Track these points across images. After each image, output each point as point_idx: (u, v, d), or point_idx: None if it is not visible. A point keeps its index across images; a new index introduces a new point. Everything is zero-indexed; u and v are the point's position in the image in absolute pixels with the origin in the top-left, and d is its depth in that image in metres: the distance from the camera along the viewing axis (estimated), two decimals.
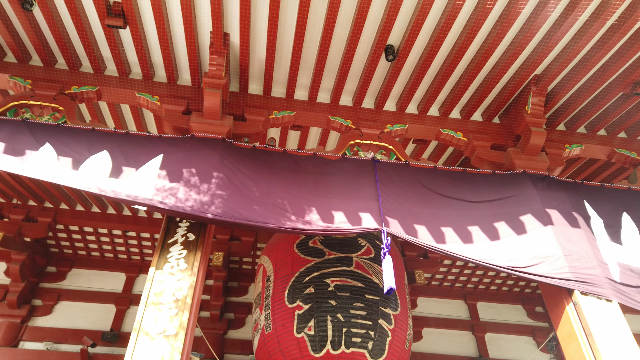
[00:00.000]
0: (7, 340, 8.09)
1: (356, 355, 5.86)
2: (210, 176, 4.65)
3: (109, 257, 9.45)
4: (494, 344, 9.59)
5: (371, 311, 6.05)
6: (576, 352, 4.17)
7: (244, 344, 8.89)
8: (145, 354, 3.62)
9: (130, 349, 3.65)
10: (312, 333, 5.91)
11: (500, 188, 5.19)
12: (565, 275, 4.29)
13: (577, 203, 5.17)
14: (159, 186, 4.49)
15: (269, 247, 7.14)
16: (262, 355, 6.33)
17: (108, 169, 4.52)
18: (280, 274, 6.44)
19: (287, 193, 4.85)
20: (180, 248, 4.35)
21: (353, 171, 5.30)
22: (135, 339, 3.70)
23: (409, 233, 4.52)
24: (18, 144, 4.59)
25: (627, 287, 4.39)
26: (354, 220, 4.60)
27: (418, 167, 5.49)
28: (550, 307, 4.65)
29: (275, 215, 4.46)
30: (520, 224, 4.75)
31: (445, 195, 5.03)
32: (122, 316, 8.91)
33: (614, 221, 5.12)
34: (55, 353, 8.13)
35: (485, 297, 10.22)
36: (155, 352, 3.63)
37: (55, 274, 9.15)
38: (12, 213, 8.03)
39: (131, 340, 3.70)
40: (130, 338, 3.73)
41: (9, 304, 8.30)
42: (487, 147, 5.86)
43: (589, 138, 6.20)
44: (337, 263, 6.34)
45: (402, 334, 6.30)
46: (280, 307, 6.16)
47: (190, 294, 4.03)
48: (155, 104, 5.63)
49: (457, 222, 4.69)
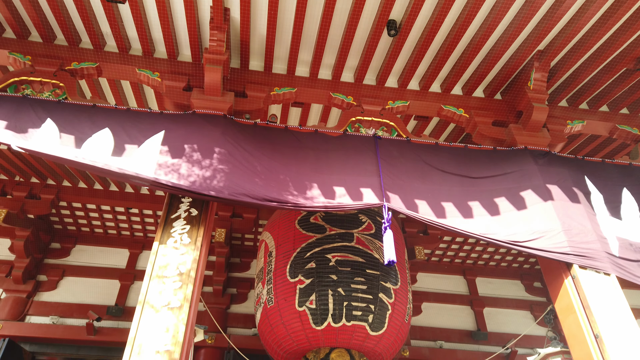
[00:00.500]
0: (13, 314, 8.25)
1: (357, 327, 5.99)
2: (212, 151, 4.67)
3: (112, 233, 9.55)
4: (492, 318, 9.76)
5: (371, 285, 6.15)
6: (573, 324, 4.25)
7: (246, 318, 9.05)
8: (151, 326, 3.70)
9: (135, 320, 3.73)
10: (314, 307, 6.01)
11: (501, 164, 5.21)
12: (565, 249, 4.34)
13: (578, 179, 5.19)
14: (161, 162, 4.51)
15: (270, 224, 7.21)
16: (264, 328, 6.46)
17: (110, 147, 4.54)
18: (281, 250, 6.52)
19: (289, 169, 4.88)
20: (183, 223, 4.40)
21: (354, 147, 5.31)
22: (140, 311, 3.77)
23: (409, 208, 4.56)
24: (20, 121, 4.59)
25: (625, 261, 4.45)
26: (355, 196, 4.64)
27: (419, 143, 5.50)
28: (549, 281, 4.72)
29: (277, 189, 4.50)
30: (521, 199, 4.79)
31: (446, 171, 5.05)
32: (126, 291, 9.06)
33: (614, 196, 5.16)
34: (62, 327, 8.29)
35: (484, 273, 10.35)
36: (161, 324, 3.71)
37: (60, 250, 9.26)
38: (15, 190, 8.08)
39: (136, 312, 3.78)
40: (135, 310, 3.81)
41: (14, 280, 8.43)
42: (489, 124, 5.86)
43: (591, 114, 6.19)
44: (338, 239, 6.42)
45: (402, 307, 6.41)
46: (282, 281, 6.26)
47: (193, 267, 4.09)
48: (155, 80, 5.61)
49: (457, 197, 4.73)
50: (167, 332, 3.68)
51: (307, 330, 6.07)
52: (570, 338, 4.32)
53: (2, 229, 8.66)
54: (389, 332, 6.21)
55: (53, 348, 8.45)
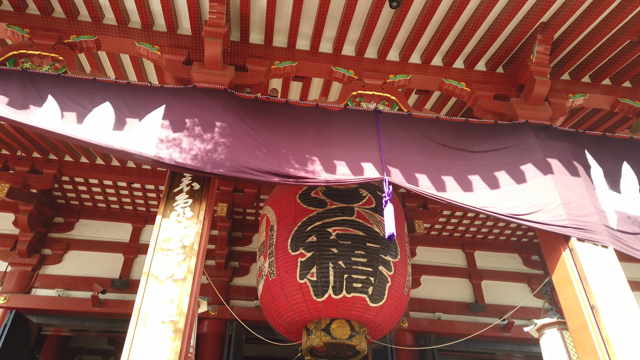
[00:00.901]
0: (19, 287, 8.39)
1: (357, 299, 6.11)
2: (213, 126, 4.68)
3: (115, 208, 9.62)
4: (490, 290, 9.92)
5: (371, 258, 6.24)
6: (570, 295, 4.34)
7: (248, 291, 9.21)
8: (156, 297, 3.78)
9: (140, 292, 3.81)
10: (315, 279, 6.12)
11: (501, 138, 5.22)
12: (563, 222, 4.40)
13: (578, 152, 5.21)
14: (163, 136, 4.53)
15: (271, 198, 7.26)
16: (266, 299, 6.58)
17: (111, 121, 4.54)
18: (283, 224, 6.59)
19: (290, 143, 4.89)
20: (185, 197, 4.44)
21: (355, 122, 5.31)
22: (145, 282, 3.85)
23: (410, 182, 4.59)
24: (21, 96, 4.58)
25: (623, 234, 4.51)
26: (356, 170, 4.66)
27: (420, 117, 5.49)
28: (547, 253, 4.79)
29: (279, 163, 4.52)
30: (521, 173, 4.82)
31: (447, 145, 5.06)
32: (130, 265, 9.19)
33: (614, 170, 5.19)
34: (67, 299, 8.44)
35: (483, 246, 10.48)
36: (165, 295, 3.80)
37: (63, 225, 9.36)
38: (17, 165, 8.11)
39: (141, 283, 3.85)
40: (140, 282, 3.88)
41: (19, 253, 8.54)
42: (490, 97, 5.84)
43: (593, 87, 6.15)
44: (338, 213, 6.48)
45: (401, 280, 6.52)
46: (283, 254, 6.35)
47: (196, 240, 4.15)
48: (155, 53, 5.57)
49: (458, 171, 4.75)
50: (172, 302, 3.76)
51: (308, 302, 6.19)
52: (566, 309, 4.41)
53: (5, 204, 8.74)
54: (388, 304, 6.34)
55: (59, 320, 8.63)
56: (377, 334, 6.91)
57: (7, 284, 8.36)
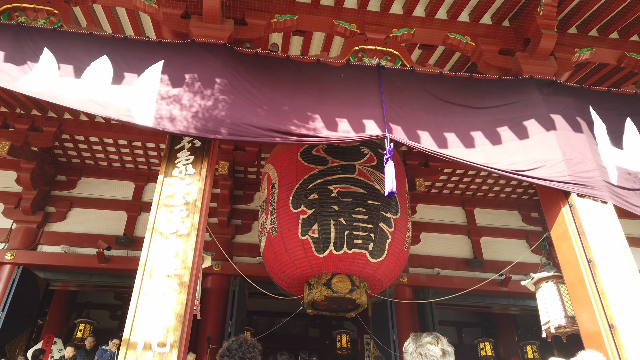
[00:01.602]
0: (25, 243, 8.54)
1: (357, 255, 6.22)
2: (213, 82, 4.61)
3: (117, 166, 9.64)
4: (489, 246, 10.08)
5: (372, 215, 6.31)
6: (568, 250, 4.40)
7: (251, 247, 9.37)
8: (160, 252, 3.85)
9: (145, 247, 3.87)
10: (316, 235, 6.21)
11: (505, 94, 5.15)
12: (564, 178, 4.41)
13: (582, 108, 5.15)
14: (163, 92, 4.47)
15: (273, 156, 7.26)
16: (268, 255, 6.71)
17: (110, 75, 4.47)
18: (284, 182, 6.62)
19: (291, 100, 4.83)
20: (187, 154, 4.44)
21: (357, 78, 5.22)
22: (149, 238, 3.91)
23: (411, 139, 4.57)
24: (17, 51, 4.50)
25: (623, 190, 4.53)
26: (358, 128, 4.63)
27: (423, 73, 5.40)
28: (547, 209, 4.83)
29: (280, 121, 4.48)
30: (523, 129, 4.78)
31: (450, 101, 5.00)
32: (133, 222, 9.31)
33: (617, 126, 5.15)
34: (73, 255, 8.61)
35: (483, 204, 10.56)
36: (170, 250, 3.86)
37: (66, 183, 9.41)
38: (16, 122, 8.06)
39: (146, 239, 3.91)
40: (144, 237, 3.94)
41: (23, 211, 8.64)
42: (495, 52, 5.72)
43: (600, 41, 6.01)
44: (340, 170, 6.49)
45: (401, 236, 6.61)
46: (285, 212, 6.42)
47: (199, 197, 4.18)
48: (152, 7, 5.40)
49: (460, 128, 4.72)
50: (176, 257, 3.83)
51: (309, 258, 6.31)
52: (563, 263, 4.49)
53: (7, 162, 8.76)
54: (388, 259, 6.46)
55: (66, 275, 8.85)
56: (377, 288, 7.08)
57: (13, 240, 8.51)
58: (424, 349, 1.99)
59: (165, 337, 3.47)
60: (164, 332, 3.49)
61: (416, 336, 2.07)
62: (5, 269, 8.16)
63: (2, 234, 8.59)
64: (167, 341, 3.45)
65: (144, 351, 3.40)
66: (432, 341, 2.02)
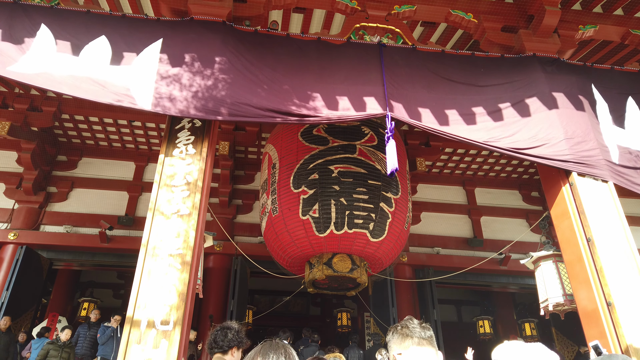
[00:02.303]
0: (28, 223, 8.59)
1: (358, 234, 6.26)
2: (212, 61, 4.56)
3: (117, 146, 9.63)
4: (489, 226, 10.13)
5: (373, 195, 6.33)
6: (567, 228, 4.42)
7: (252, 227, 9.42)
8: (162, 231, 3.87)
9: (147, 226, 3.89)
10: (317, 215, 6.24)
11: (508, 72, 5.10)
12: (565, 157, 4.40)
13: (585, 87, 5.11)
14: (162, 71, 4.43)
15: (273, 136, 7.24)
16: (270, 235, 6.75)
17: (108, 55, 4.42)
18: (285, 162, 6.62)
19: (291, 79, 4.78)
20: (187, 134, 4.43)
21: (358, 56, 5.17)
22: (151, 218, 3.92)
23: (412, 117, 4.54)
24: (15, 29, 4.44)
25: (624, 169, 4.53)
26: (359, 106, 4.60)
27: (425, 51, 5.33)
28: (547, 188, 4.83)
29: (280, 100, 4.45)
30: (525, 107, 4.75)
31: (452, 79, 4.95)
32: (135, 202, 9.34)
33: (619, 105, 5.12)
34: (76, 235, 8.67)
35: (484, 183, 10.57)
36: (172, 230, 3.88)
37: (67, 163, 9.41)
38: (16, 102, 8.02)
39: (147, 219, 3.92)
40: (146, 217, 3.95)
41: (25, 191, 8.66)
42: (498, 29, 5.64)
43: (604, 18, 5.92)
44: (340, 150, 6.49)
45: (401, 216, 6.64)
46: (286, 192, 6.43)
47: (200, 177, 4.18)
48: None
49: (462, 106, 4.69)
50: (178, 237, 3.86)
51: (310, 237, 6.35)
52: (563, 242, 4.52)
53: (8, 142, 8.75)
54: (388, 239, 6.51)
55: (69, 255, 8.93)
56: (377, 267, 7.15)
57: (16, 220, 8.55)
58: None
59: (168, 315, 3.51)
60: (167, 310, 3.53)
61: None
62: (9, 249, 8.23)
63: (5, 214, 8.64)
64: (170, 319, 3.49)
65: (147, 329, 3.45)
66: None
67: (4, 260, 8.12)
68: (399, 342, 1.91)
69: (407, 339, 1.88)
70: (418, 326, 1.92)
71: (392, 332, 1.97)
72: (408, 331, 1.90)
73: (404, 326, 1.94)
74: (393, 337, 1.95)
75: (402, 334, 1.91)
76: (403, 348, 1.88)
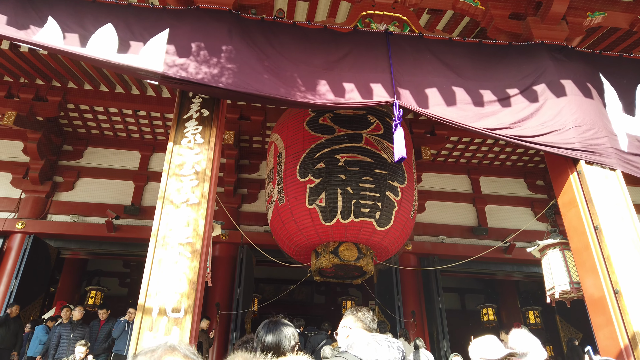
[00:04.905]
0: (35, 213, 8.65)
1: (364, 223, 6.28)
2: (219, 50, 4.55)
3: (122, 136, 9.65)
4: (494, 214, 10.14)
5: (379, 184, 6.34)
6: (575, 217, 4.42)
7: (257, 216, 9.46)
8: (172, 220, 3.89)
9: (157, 216, 3.91)
10: (323, 204, 6.25)
11: (515, 60, 5.07)
12: (573, 145, 4.38)
13: (593, 74, 5.08)
14: (169, 62, 4.42)
15: (279, 125, 7.24)
16: (276, 224, 6.78)
17: (115, 45, 4.41)
18: (291, 151, 6.62)
19: (297, 67, 4.77)
20: (195, 123, 4.43)
21: (365, 44, 5.14)
22: (161, 207, 3.94)
23: (420, 105, 4.53)
24: (20, 16, 4.42)
25: (633, 157, 4.51)
26: (366, 93, 4.58)
27: (432, 39, 5.30)
28: (554, 176, 4.83)
29: (285, 87, 4.45)
30: (534, 94, 4.73)
31: (459, 67, 4.92)
32: (141, 192, 9.38)
33: (627, 93, 5.08)
34: (82, 225, 8.73)
35: (489, 172, 10.56)
36: (181, 219, 3.91)
37: (73, 153, 9.45)
38: (21, 92, 8.03)
39: (157, 208, 3.95)
40: (156, 206, 3.98)
41: (31, 180, 8.72)
42: (505, 16, 5.59)
43: (613, 4, 5.85)
44: (346, 139, 6.48)
45: (407, 204, 6.65)
46: (292, 181, 6.44)
47: (209, 167, 4.20)
48: None
49: (469, 94, 4.66)
50: (188, 226, 3.88)
51: (317, 226, 6.38)
52: (570, 230, 4.52)
53: (14, 132, 8.78)
54: (394, 228, 6.53)
55: (76, 244, 9.00)
56: (383, 256, 7.18)
57: (23, 210, 8.61)
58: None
59: (179, 303, 3.55)
60: (177, 298, 3.57)
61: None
62: (17, 238, 8.30)
63: (12, 203, 8.70)
64: (182, 307, 3.53)
65: (159, 316, 3.49)
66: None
67: (12, 249, 8.20)
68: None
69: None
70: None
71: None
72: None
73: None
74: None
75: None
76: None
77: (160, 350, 1.27)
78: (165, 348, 1.28)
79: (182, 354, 1.28)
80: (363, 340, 2.31)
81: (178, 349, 1.29)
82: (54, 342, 7.38)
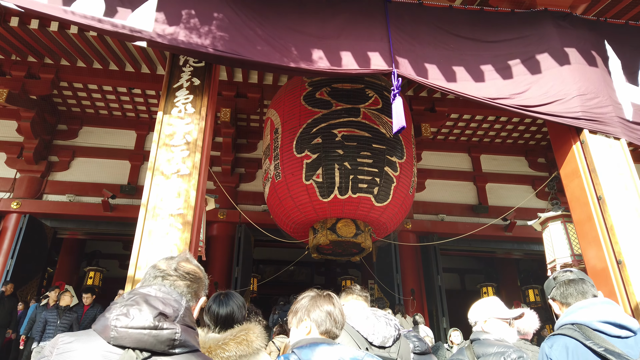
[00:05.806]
0: (30, 193, 8.56)
1: (362, 199, 6.17)
2: (211, 17, 4.39)
3: (117, 115, 9.50)
4: (494, 192, 10.03)
5: (377, 159, 6.22)
6: (577, 187, 4.31)
7: (255, 195, 9.37)
8: (162, 191, 3.78)
9: (147, 186, 3.80)
10: (320, 180, 6.14)
11: (518, 27, 4.89)
12: (577, 114, 4.25)
13: (598, 43, 4.91)
14: (159, 30, 4.26)
15: (275, 101, 7.09)
16: (273, 201, 6.68)
17: (102, 8, 4.25)
18: (287, 126, 6.49)
19: (293, 35, 4.61)
20: (186, 93, 4.30)
21: (362, 11, 4.96)
22: (150, 178, 3.83)
23: (419, 74, 4.38)
24: None
25: (638, 126, 4.38)
26: (363, 62, 4.43)
27: (432, 6, 5.12)
28: (557, 147, 4.70)
29: (280, 56, 4.30)
30: (536, 63, 4.57)
31: (460, 35, 4.76)
32: (137, 171, 9.28)
33: (632, 62, 4.93)
34: (79, 204, 8.64)
35: (489, 150, 10.43)
36: (172, 189, 3.80)
37: (67, 132, 9.32)
38: (13, 70, 7.86)
39: (147, 179, 3.83)
40: (146, 177, 3.87)
41: (26, 160, 8.61)
42: None
43: None
44: (344, 114, 6.34)
45: (406, 180, 6.54)
46: (289, 157, 6.32)
47: (200, 137, 4.07)
48: None
49: (470, 62, 4.51)
50: (179, 197, 3.77)
51: (314, 202, 6.28)
52: (572, 201, 4.41)
53: (7, 111, 8.65)
54: (393, 203, 6.42)
55: (73, 224, 8.94)
56: (381, 232, 7.09)
57: (18, 190, 8.52)
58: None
59: None
60: None
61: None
62: (12, 218, 8.23)
63: (7, 183, 8.60)
64: None
65: None
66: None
67: (7, 229, 8.13)
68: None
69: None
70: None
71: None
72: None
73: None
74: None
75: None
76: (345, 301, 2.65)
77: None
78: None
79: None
80: (362, 313, 2.24)
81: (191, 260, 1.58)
82: (39, 327, 6.88)
